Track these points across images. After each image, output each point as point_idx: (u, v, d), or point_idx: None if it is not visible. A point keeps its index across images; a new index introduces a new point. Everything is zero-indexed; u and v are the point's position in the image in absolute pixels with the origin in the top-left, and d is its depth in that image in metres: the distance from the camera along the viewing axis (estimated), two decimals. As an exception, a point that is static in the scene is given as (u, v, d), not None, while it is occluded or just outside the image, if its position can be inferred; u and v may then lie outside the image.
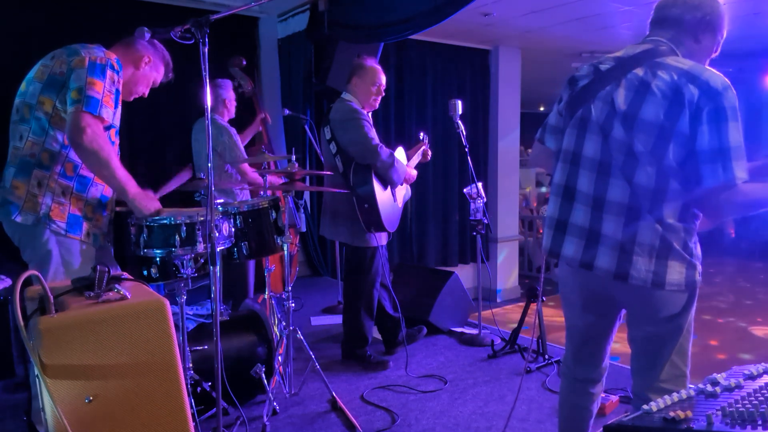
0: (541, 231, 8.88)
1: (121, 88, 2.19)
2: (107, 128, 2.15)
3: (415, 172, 3.53)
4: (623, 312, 1.86)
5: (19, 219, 2.06)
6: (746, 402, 1.10)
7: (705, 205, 1.60)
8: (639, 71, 1.63)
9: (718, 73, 1.57)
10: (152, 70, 2.45)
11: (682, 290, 1.63)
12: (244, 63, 4.19)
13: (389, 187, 3.33)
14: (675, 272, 1.60)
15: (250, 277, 3.83)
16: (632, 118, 1.60)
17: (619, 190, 1.62)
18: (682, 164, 1.57)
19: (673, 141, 1.55)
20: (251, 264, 3.84)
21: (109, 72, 2.10)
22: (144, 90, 2.47)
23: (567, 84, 1.82)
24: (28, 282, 1.57)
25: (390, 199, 3.33)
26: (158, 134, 4.94)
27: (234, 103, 3.90)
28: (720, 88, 1.53)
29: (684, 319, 1.68)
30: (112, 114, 2.15)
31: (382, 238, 3.36)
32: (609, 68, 1.70)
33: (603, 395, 2.83)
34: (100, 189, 2.24)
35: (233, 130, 3.75)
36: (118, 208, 2.41)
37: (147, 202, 2.18)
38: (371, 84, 3.25)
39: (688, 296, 1.65)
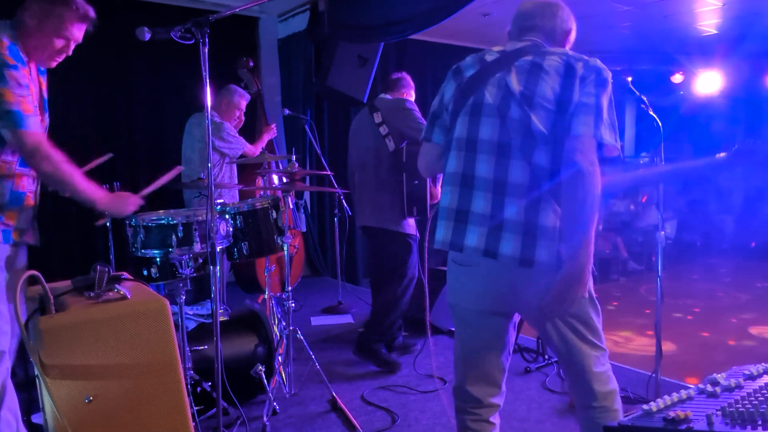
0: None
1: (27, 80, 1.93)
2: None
3: None
4: (514, 322, 1.79)
5: None
6: (746, 402, 1.10)
7: (565, 156, 1.57)
8: (528, 57, 1.67)
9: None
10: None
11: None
12: (251, 64, 4.25)
13: None
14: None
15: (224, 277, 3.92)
16: (529, 98, 1.61)
17: (520, 171, 1.61)
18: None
19: (568, 113, 1.58)
20: (225, 265, 3.93)
21: (7, 73, 1.85)
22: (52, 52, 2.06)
23: (452, 75, 1.80)
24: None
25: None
26: (159, 134, 4.94)
27: (241, 114, 4.06)
28: (601, 67, 1.63)
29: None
30: (37, 114, 1.97)
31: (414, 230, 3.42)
32: (495, 59, 1.73)
33: None
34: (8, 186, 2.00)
35: (227, 123, 3.84)
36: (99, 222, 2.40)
37: (120, 205, 2.09)
38: (413, 90, 3.69)
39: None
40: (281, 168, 4.38)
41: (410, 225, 3.36)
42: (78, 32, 2.04)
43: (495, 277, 1.66)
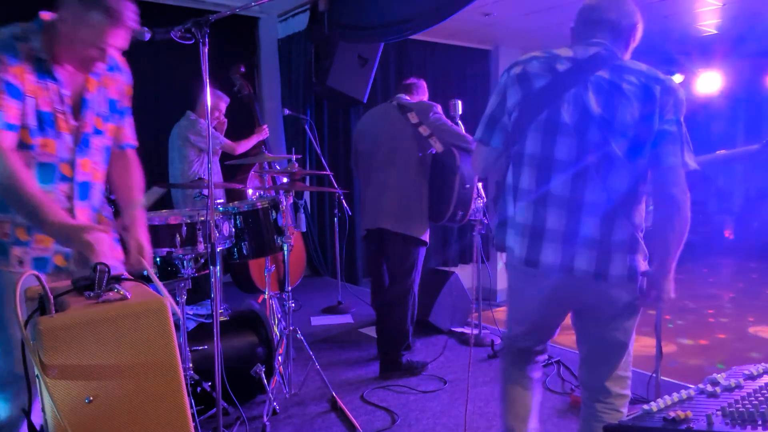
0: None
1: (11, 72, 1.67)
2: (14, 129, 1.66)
3: None
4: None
5: None
6: (746, 402, 1.10)
7: (658, 188, 1.68)
8: (604, 74, 1.68)
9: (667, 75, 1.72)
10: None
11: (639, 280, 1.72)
12: (243, 69, 4.32)
13: None
14: (641, 264, 1.71)
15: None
16: (609, 122, 1.65)
17: (596, 192, 1.67)
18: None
19: (647, 139, 1.65)
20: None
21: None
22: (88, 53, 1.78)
23: (517, 80, 1.76)
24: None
25: None
26: (158, 134, 4.94)
27: (220, 115, 4.19)
28: (675, 87, 1.68)
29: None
30: (18, 111, 1.67)
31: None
32: (567, 69, 1.71)
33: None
34: None
35: (202, 120, 3.97)
36: None
37: (90, 245, 1.62)
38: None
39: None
40: (280, 168, 4.39)
41: (428, 231, 3.29)
42: (117, 39, 1.80)
43: (565, 289, 1.75)
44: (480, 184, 3.73)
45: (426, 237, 3.28)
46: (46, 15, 1.77)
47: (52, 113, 1.74)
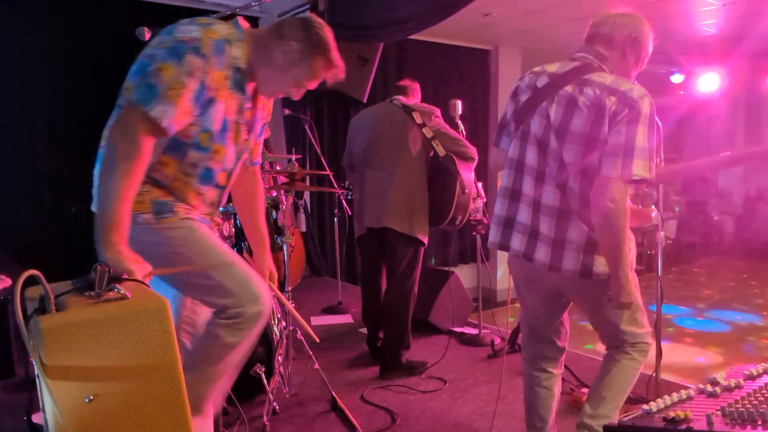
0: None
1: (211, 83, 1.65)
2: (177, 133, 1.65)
3: None
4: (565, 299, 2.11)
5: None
6: (746, 402, 1.10)
7: (592, 195, 1.77)
8: (569, 88, 1.85)
9: (637, 85, 1.78)
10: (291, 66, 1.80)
11: (606, 278, 1.83)
12: None
13: None
14: (600, 264, 1.83)
15: None
16: (563, 131, 1.83)
17: (552, 195, 1.87)
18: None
19: (597, 149, 1.76)
20: None
21: (192, 58, 1.58)
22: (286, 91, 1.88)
23: (512, 95, 2.03)
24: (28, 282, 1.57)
25: None
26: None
27: None
28: (636, 97, 1.73)
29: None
30: (193, 114, 1.65)
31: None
32: (544, 84, 1.92)
33: (584, 390, 2.85)
34: None
35: None
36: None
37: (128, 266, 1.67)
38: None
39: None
40: (280, 168, 4.39)
41: (427, 233, 3.30)
42: (315, 85, 1.87)
43: (531, 274, 2.03)
44: (480, 184, 3.73)
45: (426, 239, 3.29)
46: (245, 24, 1.78)
47: (234, 123, 1.76)
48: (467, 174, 3.22)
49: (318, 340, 2.33)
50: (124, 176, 1.55)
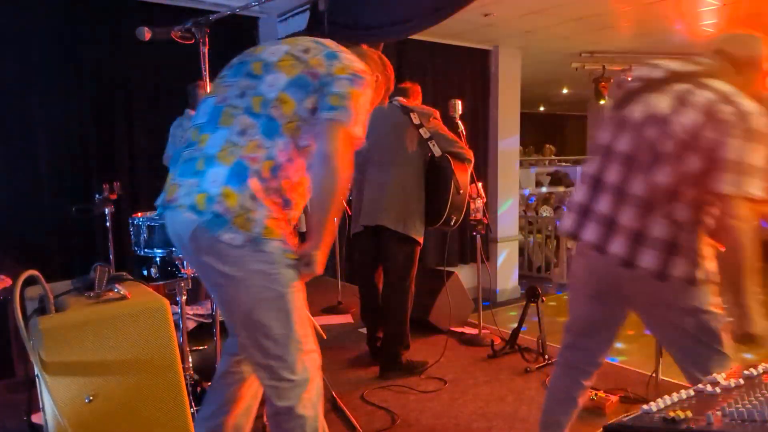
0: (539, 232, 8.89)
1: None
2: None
3: None
4: (625, 312, 1.95)
5: (225, 237, 1.59)
6: (746, 402, 1.10)
7: (718, 214, 1.67)
8: (684, 85, 1.77)
9: (755, 102, 1.70)
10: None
11: (689, 283, 1.70)
12: None
13: None
14: (679, 267, 1.70)
15: None
16: (665, 124, 1.73)
17: (641, 186, 1.75)
18: (702, 172, 1.67)
19: (699, 151, 1.66)
20: None
21: (366, 88, 1.74)
22: None
23: (616, 86, 1.99)
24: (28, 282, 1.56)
25: None
26: (159, 134, 4.94)
27: None
28: (753, 113, 1.65)
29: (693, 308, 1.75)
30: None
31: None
32: (658, 77, 1.84)
33: (604, 395, 2.84)
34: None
35: None
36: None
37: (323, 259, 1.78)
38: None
39: (696, 288, 1.73)
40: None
41: (422, 233, 3.30)
42: None
43: (599, 270, 1.87)
44: (479, 184, 3.73)
45: (421, 239, 3.29)
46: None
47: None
48: (463, 175, 3.24)
49: (325, 336, 2.31)
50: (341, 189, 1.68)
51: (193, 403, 2.31)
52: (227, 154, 1.62)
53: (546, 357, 3.44)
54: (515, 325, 3.66)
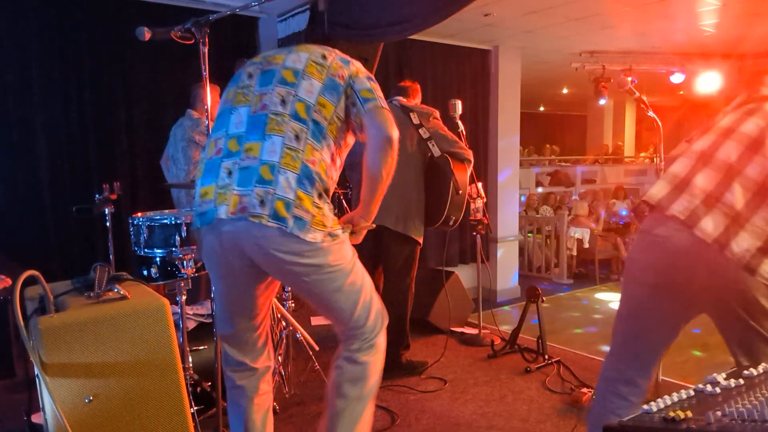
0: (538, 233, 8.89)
1: None
2: None
3: None
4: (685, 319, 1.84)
5: (309, 237, 1.71)
6: (746, 402, 1.10)
7: None
8: None
9: None
10: None
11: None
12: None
13: None
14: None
15: None
16: None
17: (758, 169, 1.62)
18: None
19: None
20: None
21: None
22: None
23: None
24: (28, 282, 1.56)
25: None
26: (159, 134, 4.94)
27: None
28: None
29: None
30: None
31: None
32: None
33: (584, 390, 2.86)
34: None
35: (202, 118, 3.88)
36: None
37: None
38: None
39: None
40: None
41: (422, 233, 3.30)
42: None
43: (678, 251, 1.67)
44: (479, 184, 3.73)
45: (421, 238, 3.29)
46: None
47: None
48: (462, 175, 3.24)
49: (317, 348, 2.35)
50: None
51: (193, 403, 2.31)
52: (291, 160, 1.72)
53: (546, 357, 3.44)
54: (515, 325, 3.67)
